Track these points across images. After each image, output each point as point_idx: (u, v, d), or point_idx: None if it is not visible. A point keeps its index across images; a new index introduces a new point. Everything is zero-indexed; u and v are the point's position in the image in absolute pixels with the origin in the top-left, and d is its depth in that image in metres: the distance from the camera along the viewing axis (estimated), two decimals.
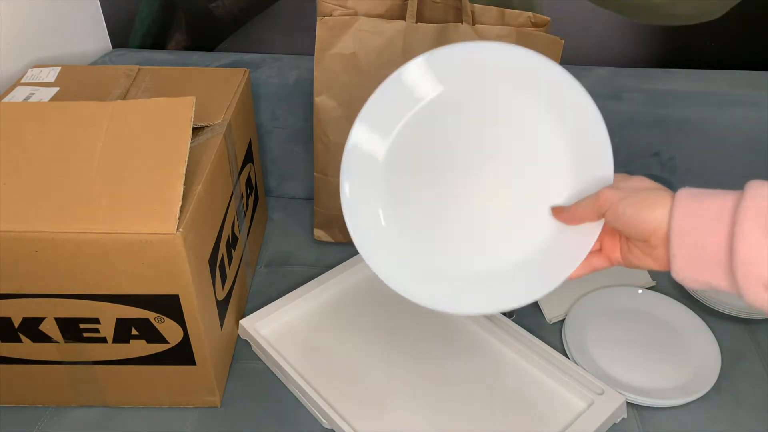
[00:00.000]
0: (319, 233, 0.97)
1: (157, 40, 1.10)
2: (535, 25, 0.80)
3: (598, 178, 0.57)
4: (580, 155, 0.58)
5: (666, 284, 0.88)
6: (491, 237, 0.61)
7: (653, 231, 0.50)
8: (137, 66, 0.87)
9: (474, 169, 0.61)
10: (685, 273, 0.49)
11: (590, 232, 0.56)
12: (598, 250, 0.58)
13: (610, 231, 0.57)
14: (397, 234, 0.63)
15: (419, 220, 0.63)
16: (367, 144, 0.62)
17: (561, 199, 0.59)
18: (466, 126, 0.61)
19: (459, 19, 0.80)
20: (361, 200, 0.62)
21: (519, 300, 0.58)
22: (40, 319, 0.64)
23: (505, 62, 0.59)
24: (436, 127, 0.62)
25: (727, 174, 0.96)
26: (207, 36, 1.09)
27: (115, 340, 0.66)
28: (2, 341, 0.66)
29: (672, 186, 0.51)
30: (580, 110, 0.57)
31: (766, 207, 0.45)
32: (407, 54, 0.80)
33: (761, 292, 0.45)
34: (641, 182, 0.54)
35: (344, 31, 0.80)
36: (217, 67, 1.01)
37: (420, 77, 0.61)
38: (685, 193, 0.50)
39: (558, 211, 0.59)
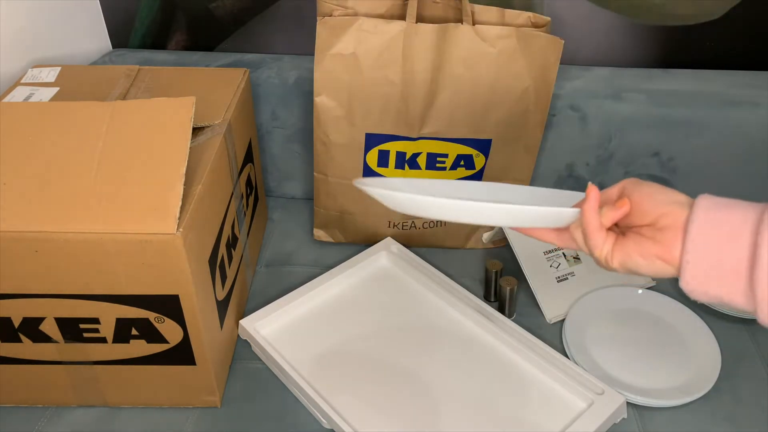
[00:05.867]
0: (319, 233, 0.97)
1: (157, 40, 1.10)
2: (535, 25, 0.80)
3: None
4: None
5: (666, 284, 0.88)
6: None
7: (668, 211, 0.49)
8: (137, 66, 0.87)
9: None
10: (694, 285, 0.47)
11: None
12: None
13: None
14: None
15: None
16: None
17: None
18: None
19: (459, 19, 0.80)
20: None
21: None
22: (40, 319, 0.64)
23: None
24: None
25: (727, 174, 0.96)
26: (207, 36, 1.09)
27: (115, 340, 0.66)
28: (2, 341, 0.66)
29: (672, 186, 0.51)
30: None
31: None
32: (407, 54, 0.80)
33: None
34: None
35: (344, 31, 0.80)
36: (217, 67, 1.01)
37: None
38: (705, 201, 0.48)
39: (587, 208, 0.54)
